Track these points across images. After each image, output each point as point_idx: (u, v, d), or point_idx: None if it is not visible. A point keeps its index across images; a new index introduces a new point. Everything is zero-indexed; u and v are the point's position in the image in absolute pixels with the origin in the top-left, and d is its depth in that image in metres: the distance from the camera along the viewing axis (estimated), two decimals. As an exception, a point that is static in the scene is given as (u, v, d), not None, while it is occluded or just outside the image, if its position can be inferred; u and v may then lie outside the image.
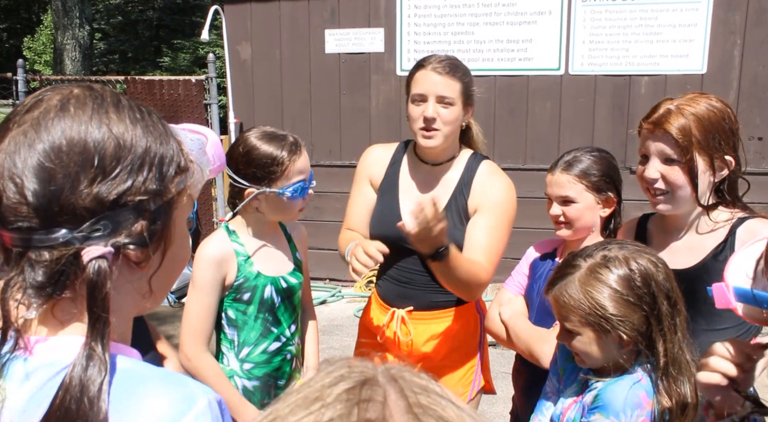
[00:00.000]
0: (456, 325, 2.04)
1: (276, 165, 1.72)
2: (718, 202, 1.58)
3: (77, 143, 0.71)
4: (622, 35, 4.92)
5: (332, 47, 5.43)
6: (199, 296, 1.74)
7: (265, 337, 1.81)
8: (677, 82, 4.88)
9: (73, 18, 10.81)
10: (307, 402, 0.41)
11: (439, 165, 1.99)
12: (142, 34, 20.47)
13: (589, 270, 1.32)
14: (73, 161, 0.70)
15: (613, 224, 1.87)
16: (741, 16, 4.74)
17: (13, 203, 0.70)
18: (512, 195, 1.97)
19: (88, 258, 0.69)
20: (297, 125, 5.61)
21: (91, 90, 0.75)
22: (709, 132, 1.50)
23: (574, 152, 1.85)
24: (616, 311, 1.28)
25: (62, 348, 0.72)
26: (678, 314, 1.31)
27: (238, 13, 5.61)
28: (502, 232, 1.92)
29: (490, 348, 4.42)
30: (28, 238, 0.70)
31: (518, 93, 5.16)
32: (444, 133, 1.88)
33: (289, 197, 1.74)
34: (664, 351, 1.29)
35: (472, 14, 5.15)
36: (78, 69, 10.81)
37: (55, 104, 0.73)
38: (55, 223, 0.70)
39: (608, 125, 5.07)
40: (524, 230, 5.23)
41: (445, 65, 1.87)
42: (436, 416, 0.40)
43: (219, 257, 1.74)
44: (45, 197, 0.69)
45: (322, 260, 5.53)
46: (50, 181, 0.69)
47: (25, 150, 0.70)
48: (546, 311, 1.83)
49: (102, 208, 0.71)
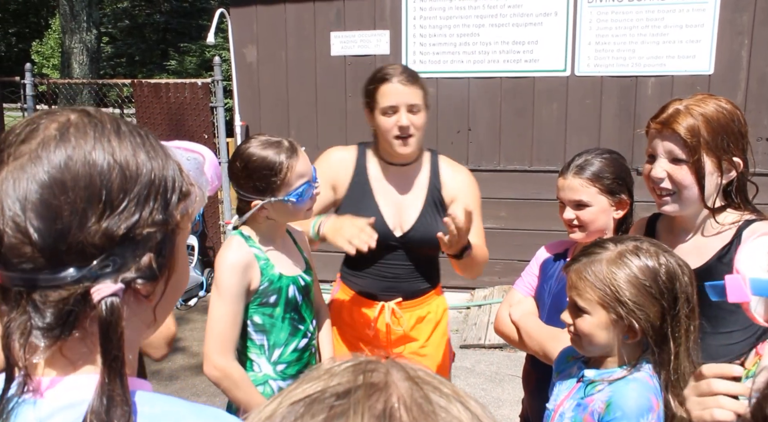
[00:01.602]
0: (434, 307, 2.24)
1: (275, 175, 1.72)
2: (727, 204, 1.57)
3: (82, 176, 0.67)
4: (628, 36, 4.90)
5: (338, 50, 5.43)
6: (226, 304, 1.71)
7: (294, 336, 1.83)
8: (684, 83, 4.86)
9: (81, 22, 10.87)
10: (315, 377, 0.45)
11: (408, 165, 2.16)
12: (149, 38, 20.56)
13: (619, 254, 1.30)
14: (80, 197, 0.66)
15: (626, 225, 1.86)
16: (748, 17, 4.72)
17: (15, 243, 0.65)
18: (474, 179, 2.21)
19: (100, 297, 0.66)
20: (303, 128, 5.62)
21: (89, 116, 0.71)
22: (718, 133, 1.49)
23: (585, 155, 1.83)
24: (635, 299, 1.26)
25: (77, 388, 0.68)
26: (693, 321, 1.29)
27: (244, 16, 5.62)
28: (479, 213, 2.15)
29: (497, 351, 4.43)
30: (33, 278, 0.66)
31: (524, 94, 5.15)
32: (417, 138, 2.07)
33: (295, 202, 1.75)
34: (676, 353, 1.27)
35: (478, 16, 5.14)
36: (85, 73, 10.87)
37: (54, 134, 0.68)
38: (63, 262, 0.66)
39: (615, 127, 5.05)
40: (531, 231, 5.22)
41: (409, 75, 2.05)
42: (433, 385, 0.44)
43: (244, 263, 1.73)
44: (51, 237, 0.65)
45: (330, 262, 5.51)
46: (56, 219, 0.65)
47: (25, 186, 0.65)
48: (557, 312, 1.81)
49: (111, 244, 0.67)
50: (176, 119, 5.82)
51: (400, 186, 2.14)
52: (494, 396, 3.91)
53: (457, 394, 0.44)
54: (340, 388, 0.43)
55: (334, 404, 0.42)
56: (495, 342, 4.50)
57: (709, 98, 1.54)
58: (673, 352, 1.27)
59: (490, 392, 3.94)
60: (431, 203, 2.12)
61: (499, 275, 5.24)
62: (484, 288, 5.32)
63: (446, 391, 0.44)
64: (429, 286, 2.20)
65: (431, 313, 2.22)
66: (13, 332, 0.66)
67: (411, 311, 2.18)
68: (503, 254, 4.89)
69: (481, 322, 4.77)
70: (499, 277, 5.26)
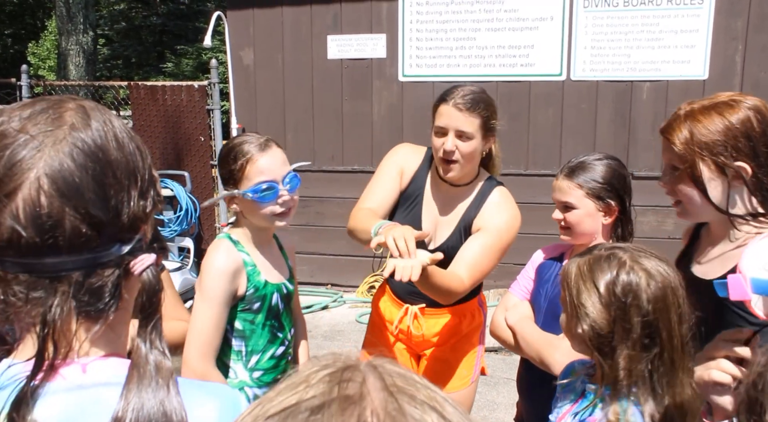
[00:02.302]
0: (462, 319, 2.21)
1: (233, 163, 1.71)
2: (755, 213, 1.45)
3: (120, 157, 0.70)
4: (623, 41, 4.93)
5: (334, 53, 5.44)
6: (210, 309, 1.68)
7: (272, 343, 1.82)
8: (679, 88, 4.89)
9: (77, 24, 10.86)
10: (292, 386, 0.45)
11: (458, 187, 2.12)
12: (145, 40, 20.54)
13: (594, 257, 1.30)
14: (123, 175, 0.70)
15: (622, 231, 1.85)
16: (742, 22, 4.75)
17: (76, 226, 0.66)
18: (515, 224, 2.07)
19: (143, 267, 0.70)
20: (299, 131, 5.62)
21: (84, 102, 0.74)
22: (713, 136, 1.42)
23: (582, 158, 1.84)
24: (582, 297, 1.27)
25: (110, 363, 0.72)
26: (655, 347, 1.23)
27: (241, 19, 5.63)
28: (493, 253, 2.01)
29: (492, 354, 4.43)
30: (86, 259, 0.67)
31: (520, 99, 5.17)
32: (462, 164, 2.01)
33: (252, 198, 1.71)
34: (627, 371, 1.23)
35: (474, 20, 5.16)
36: (82, 74, 10.85)
37: (80, 118, 0.70)
38: (116, 240, 0.69)
39: (610, 131, 5.07)
40: (525, 235, 5.22)
41: (467, 101, 1.96)
42: (409, 394, 0.44)
43: (232, 269, 1.70)
44: (110, 213, 0.68)
45: (324, 266, 5.53)
46: (111, 198, 0.68)
47: (77, 169, 0.67)
48: (553, 316, 1.83)
49: (145, 219, 0.72)
50: (172, 121, 5.81)
51: (445, 204, 2.14)
52: (489, 399, 3.92)
53: (434, 401, 0.44)
54: (315, 401, 0.42)
55: (308, 420, 0.42)
56: (490, 346, 4.51)
57: (719, 98, 1.47)
58: (621, 374, 1.22)
59: (484, 395, 3.95)
60: (461, 227, 2.10)
61: (495, 279, 5.25)
62: (479, 292, 5.33)
63: (421, 399, 0.44)
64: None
65: (459, 324, 2.21)
66: (55, 319, 0.66)
67: (435, 318, 2.18)
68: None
69: (476, 325, 4.78)
70: (494, 280, 5.26)
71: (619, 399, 1.25)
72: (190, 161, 5.84)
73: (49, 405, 0.65)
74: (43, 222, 0.64)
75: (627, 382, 1.23)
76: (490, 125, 2.02)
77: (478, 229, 2.06)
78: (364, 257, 5.41)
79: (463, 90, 2.00)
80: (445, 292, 1.91)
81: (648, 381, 1.24)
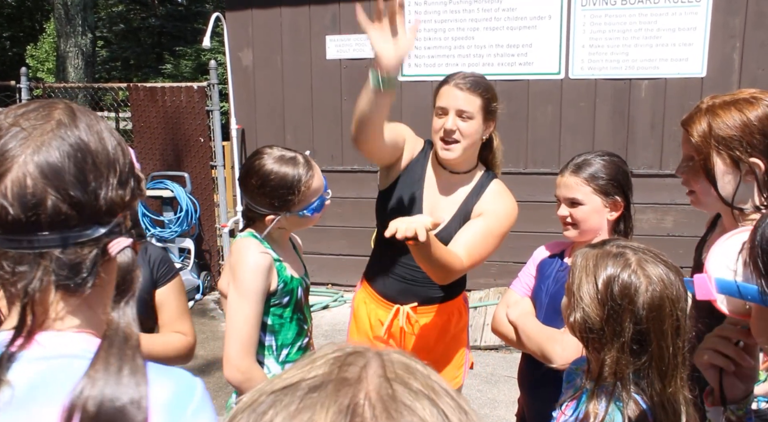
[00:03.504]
0: (451, 316, 2.21)
1: (293, 194, 1.73)
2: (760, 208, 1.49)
3: (101, 149, 0.79)
4: (621, 39, 4.94)
5: (333, 53, 5.45)
6: (249, 306, 1.69)
7: (299, 335, 1.86)
8: (677, 85, 4.90)
9: (76, 26, 10.86)
10: (301, 366, 0.48)
11: (457, 174, 2.11)
12: (144, 42, 20.54)
13: (602, 252, 1.30)
14: (102, 164, 0.78)
15: (624, 227, 1.87)
16: (740, 20, 4.76)
17: (57, 204, 0.74)
18: (513, 212, 2.09)
19: (119, 249, 0.78)
20: (299, 131, 5.63)
21: (73, 105, 0.82)
22: (730, 131, 1.46)
23: (585, 155, 1.87)
24: (583, 290, 1.27)
25: (80, 340, 0.78)
26: (644, 354, 1.22)
27: (240, 19, 5.64)
28: (491, 237, 2.02)
29: (492, 352, 4.45)
30: (67, 237, 0.75)
31: (519, 97, 5.18)
32: (463, 145, 2.00)
33: (309, 216, 1.79)
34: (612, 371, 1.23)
35: (473, 19, 5.17)
36: (80, 76, 10.85)
37: (67, 114, 0.79)
38: (93, 221, 0.77)
39: (609, 129, 5.08)
40: (525, 233, 5.23)
41: (468, 82, 1.97)
42: (406, 382, 0.45)
43: (267, 264, 1.73)
44: (88, 196, 0.76)
45: (324, 265, 5.54)
46: (89, 182, 0.76)
47: (61, 156, 0.75)
48: (555, 311, 1.84)
49: (122, 206, 0.80)
50: (172, 122, 5.82)
51: (444, 190, 2.12)
52: (490, 397, 3.93)
53: (429, 390, 0.45)
54: (315, 381, 0.45)
55: (304, 396, 0.44)
56: (491, 343, 4.52)
57: (741, 94, 1.50)
58: (605, 371, 1.22)
59: (486, 393, 3.96)
60: (461, 213, 2.08)
61: (495, 277, 5.26)
62: (479, 290, 5.34)
63: (417, 387, 0.45)
64: (445, 295, 2.17)
65: (449, 322, 2.20)
66: (36, 290, 0.74)
67: (427, 316, 2.17)
68: (498, 256, 4.89)
69: (476, 324, 4.79)
70: (494, 279, 5.28)
71: (598, 397, 1.25)
72: (190, 162, 5.84)
73: (23, 370, 0.73)
74: (27, 200, 0.73)
75: (611, 380, 1.23)
76: (491, 107, 2.02)
77: (478, 214, 2.06)
78: (365, 256, 5.41)
79: (464, 73, 2.02)
80: (444, 266, 1.87)
81: (634, 386, 1.23)
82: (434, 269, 1.90)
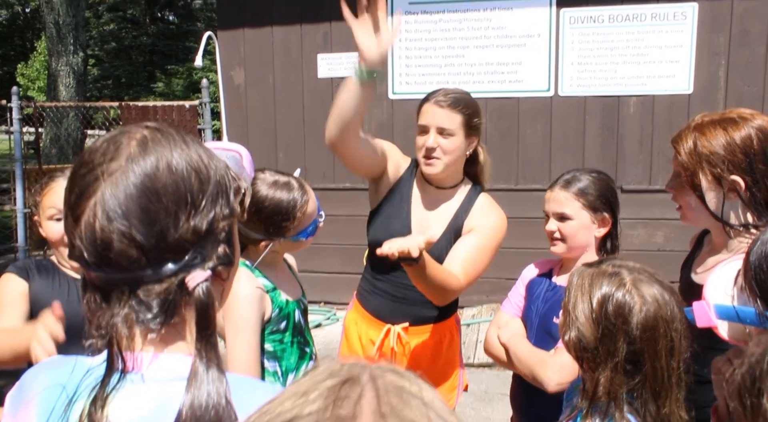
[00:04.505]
0: (443, 337, 2.19)
1: (289, 219, 1.72)
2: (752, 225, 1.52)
3: (170, 183, 0.77)
4: (609, 57, 5.00)
5: (325, 72, 5.49)
6: (248, 339, 1.66)
7: (302, 359, 1.83)
8: (665, 102, 4.96)
9: (68, 45, 10.88)
10: (296, 395, 0.47)
11: (443, 189, 2.12)
12: (135, 60, 20.59)
13: (598, 271, 1.30)
14: (171, 201, 0.77)
15: (611, 245, 1.89)
16: (725, 38, 4.84)
17: (123, 248, 0.75)
18: (503, 225, 2.11)
19: (195, 284, 0.77)
20: (290, 149, 5.65)
21: (158, 130, 0.81)
22: (714, 149, 1.50)
23: (573, 172, 1.90)
24: (578, 310, 1.27)
25: (175, 364, 0.79)
26: (638, 374, 1.22)
27: (232, 38, 5.67)
28: (485, 252, 2.04)
29: (486, 370, 4.43)
30: (139, 276, 0.76)
31: (509, 115, 5.22)
32: (444, 161, 2.02)
33: (305, 239, 1.78)
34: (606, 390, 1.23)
35: (463, 38, 5.23)
36: (72, 95, 10.85)
37: (137, 150, 0.78)
38: (163, 259, 0.77)
39: (598, 145, 5.13)
40: (517, 250, 5.24)
41: (448, 99, 2.00)
42: (399, 416, 0.45)
43: (258, 295, 1.70)
44: (153, 238, 0.76)
45: (317, 284, 5.52)
46: (155, 223, 0.76)
47: (124, 197, 0.75)
48: (546, 332, 1.85)
49: (198, 238, 0.78)
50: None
51: (432, 206, 2.12)
52: (484, 415, 3.91)
53: (426, 420, 0.45)
54: (309, 419, 0.45)
55: None
56: (484, 361, 4.51)
57: (731, 114, 1.54)
58: (599, 391, 1.23)
59: (480, 411, 3.95)
60: (451, 230, 2.08)
61: (487, 294, 5.27)
62: (472, 307, 5.34)
63: (411, 419, 0.45)
64: (437, 314, 2.15)
65: (441, 343, 2.19)
66: (118, 325, 0.76)
67: (418, 337, 2.15)
68: (490, 273, 4.88)
69: (470, 341, 4.78)
70: (487, 295, 5.28)
71: (592, 417, 1.24)
72: (182, 180, 5.84)
73: (119, 404, 0.75)
74: (97, 244, 0.76)
75: (605, 400, 1.23)
76: (472, 123, 2.03)
77: (469, 230, 2.06)
78: (358, 274, 5.39)
79: (445, 90, 2.05)
80: (441, 286, 1.88)
81: (627, 405, 1.23)
82: (432, 290, 1.90)
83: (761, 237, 0.95)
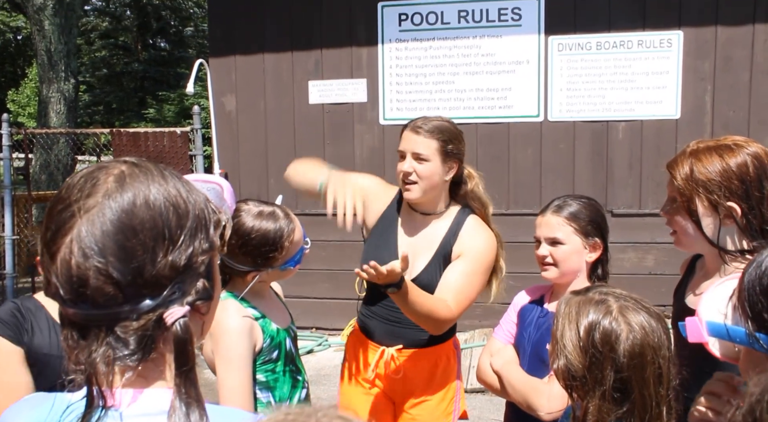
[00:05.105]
0: (438, 361, 2.20)
1: (275, 250, 1.71)
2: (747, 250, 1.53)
3: (147, 219, 0.76)
4: (598, 83, 5.08)
5: (316, 98, 5.52)
6: (240, 372, 1.65)
7: (295, 387, 1.82)
8: (653, 127, 5.02)
9: (59, 72, 10.91)
10: None
11: (429, 215, 2.15)
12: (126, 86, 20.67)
13: (585, 299, 1.30)
14: (148, 237, 0.76)
15: (601, 271, 1.89)
16: (710, 64, 4.93)
17: (99, 285, 0.74)
18: (493, 247, 2.12)
19: (173, 320, 0.76)
20: (281, 175, 5.62)
21: (136, 165, 0.81)
22: (710, 175, 1.51)
23: (564, 198, 1.92)
24: (565, 338, 1.27)
25: (155, 400, 0.78)
26: (626, 402, 1.21)
27: (223, 65, 5.71)
28: (476, 277, 2.06)
29: (479, 395, 4.40)
30: (116, 313, 0.75)
31: (499, 140, 5.26)
32: (421, 187, 2.06)
33: (292, 268, 1.78)
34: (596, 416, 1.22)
35: (453, 64, 5.29)
36: (62, 122, 10.84)
37: (114, 186, 0.77)
38: (140, 295, 0.76)
39: (588, 170, 5.17)
40: (510, 274, 5.24)
41: (426, 126, 2.06)
42: None
43: (248, 326, 1.68)
44: (130, 275, 0.75)
45: (308, 309, 5.48)
46: (132, 259, 0.75)
47: (100, 234, 0.75)
48: (538, 359, 1.83)
49: (176, 274, 0.77)
50: (155, 166, 5.82)
51: (419, 233, 2.15)
52: (478, 442, 3.86)
53: None
54: None
55: None
56: (477, 386, 4.47)
57: (726, 141, 1.55)
58: (589, 417, 1.22)
59: (473, 438, 3.90)
60: (440, 255, 2.10)
61: (480, 319, 5.24)
62: (464, 332, 5.31)
63: None
64: (431, 338, 2.14)
65: (436, 366, 2.19)
66: (96, 362, 0.75)
67: (411, 360, 2.16)
68: (483, 298, 4.90)
69: (462, 366, 4.74)
70: (479, 320, 5.26)
71: None
72: (173, 206, 5.82)
73: None
74: (73, 281, 0.75)
75: None
76: (448, 149, 2.06)
77: (458, 255, 2.08)
78: (349, 299, 5.37)
79: (426, 117, 2.11)
80: (429, 315, 1.91)
81: None
82: (421, 319, 1.93)
83: (756, 259, 0.96)
